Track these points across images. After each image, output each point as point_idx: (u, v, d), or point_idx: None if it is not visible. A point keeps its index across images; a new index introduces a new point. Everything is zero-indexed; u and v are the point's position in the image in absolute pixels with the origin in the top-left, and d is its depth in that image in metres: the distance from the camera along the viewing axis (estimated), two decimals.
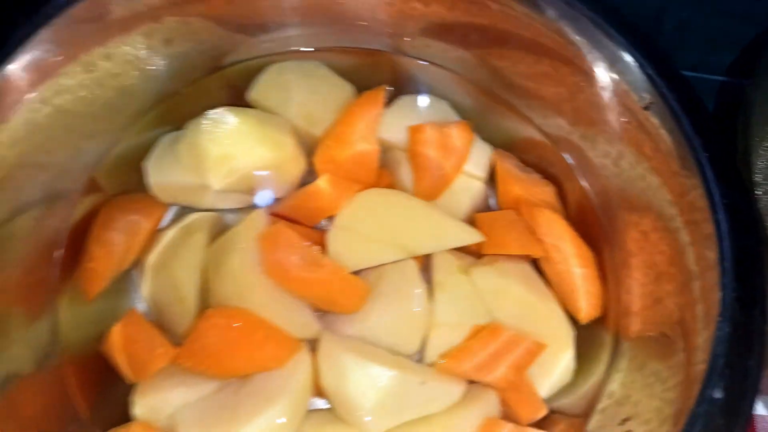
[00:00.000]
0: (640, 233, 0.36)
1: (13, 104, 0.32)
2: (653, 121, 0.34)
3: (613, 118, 0.37)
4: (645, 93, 0.34)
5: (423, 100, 0.45)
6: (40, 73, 0.33)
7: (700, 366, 0.26)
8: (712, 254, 0.29)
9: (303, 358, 0.36)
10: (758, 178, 0.36)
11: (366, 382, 0.34)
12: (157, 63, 0.40)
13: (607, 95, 0.37)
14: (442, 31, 0.43)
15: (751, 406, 0.25)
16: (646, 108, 0.34)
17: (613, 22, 0.35)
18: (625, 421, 0.31)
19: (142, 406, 0.35)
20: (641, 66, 0.34)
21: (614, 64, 0.35)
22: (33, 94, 0.33)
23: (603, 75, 0.36)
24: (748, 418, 0.25)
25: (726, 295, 0.27)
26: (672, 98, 0.33)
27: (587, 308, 0.38)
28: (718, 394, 0.25)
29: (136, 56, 0.38)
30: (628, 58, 0.34)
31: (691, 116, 0.32)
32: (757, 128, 0.38)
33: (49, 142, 0.35)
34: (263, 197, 0.42)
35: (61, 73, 0.34)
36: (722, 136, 0.32)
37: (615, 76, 0.36)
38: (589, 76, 0.37)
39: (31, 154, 0.34)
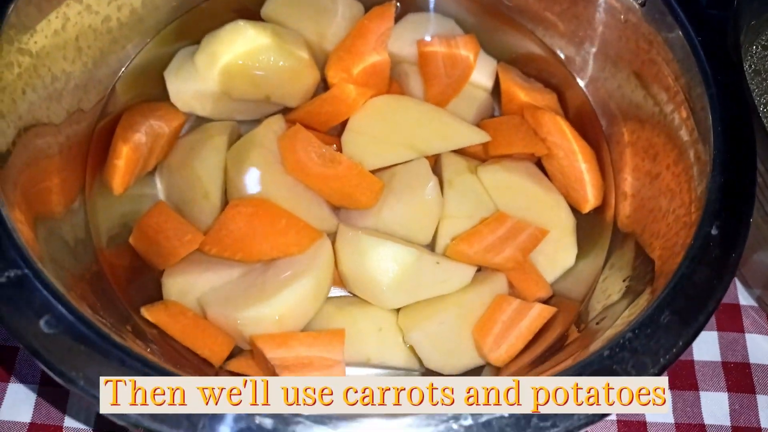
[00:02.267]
0: (637, 123, 0.38)
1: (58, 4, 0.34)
2: (648, 16, 0.37)
3: (610, 22, 0.40)
4: None
5: (430, 17, 0.47)
6: None
7: (697, 213, 0.29)
8: (705, 124, 0.32)
9: (324, 243, 0.38)
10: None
11: (385, 259, 0.36)
12: None
13: (603, 1, 0.39)
14: None
15: (743, 243, 0.28)
16: (642, 5, 0.37)
17: None
18: (626, 278, 0.33)
19: (171, 287, 0.37)
20: None
21: None
22: None
23: None
24: (741, 253, 0.27)
25: (718, 153, 0.30)
26: None
27: (591, 198, 0.40)
28: (714, 231, 0.28)
29: None
30: None
31: (684, 8, 0.35)
32: (747, 27, 0.40)
33: (81, 41, 0.37)
34: (278, 107, 0.44)
35: None
36: (713, 23, 0.34)
37: None
38: None
39: (66, 49, 0.36)
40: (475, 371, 0.36)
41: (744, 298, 0.45)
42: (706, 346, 0.43)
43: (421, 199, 0.39)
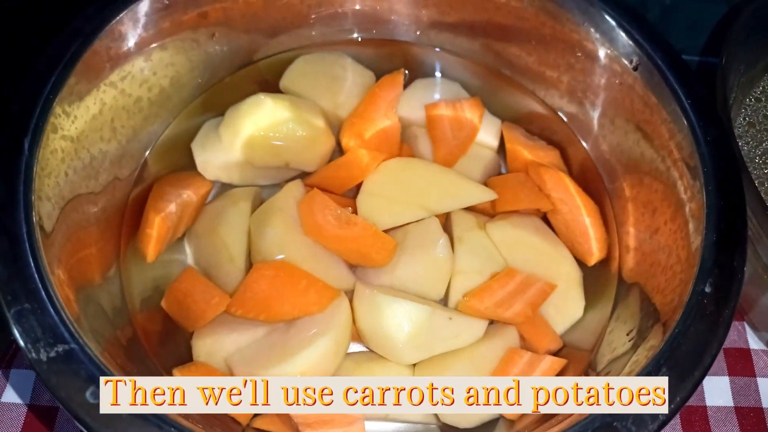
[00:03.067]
0: (637, 178, 0.40)
1: (91, 88, 0.38)
2: (642, 79, 0.39)
3: (606, 83, 0.42)
4: (633, 56, 0.39)
5: (436, 82, 0.50)
6: (112, 60, 0.38)
7: (693, 269, 0.31)
8: (698, 182, 0.34)
9: (342, 302, 0.40)
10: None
11: (400, 316, 0.38)
12: (202, 55, 0.45)
13: (600, 64, 0.42)
14: (450, 26, 0.49)
15: (737, 297, 0.29)
16: (635, 68, 0.39)
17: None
18: (630, 332, 0.35)
19: (200, 349, 0.39)
20: (628, 33, 0.39)
21: (605, 34, 0.40)
22: (105, 78, 0.38)
23: (595, 45, 0.41)
24: (734, 307, 0.29)
25: (711, 210, 0.32)
26: (657, 57, 0.38)
27: (596, 251, 0.42)
28: (708, 288, 0.29)
29: (185, 47, 0.44)
30: (617, 28, 0.40)
31: (675, 71, 0.37)
32: (739, 80, 0.42)
33: (116, 121, 0.41)
34: (297, 172, 0.47)
35: (126, 60, 0.40)
36: (702, 86, 0.37)
37: (606, 45, 0.41)
38: (583, 49, 0.42)
39: (102, 130, 0.40)
40: (490, 424, 0.38)
41: (754, 342, 0.45)
42: (719, 392, 0.44)
43: (432, 256, 0.42)
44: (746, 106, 0.47)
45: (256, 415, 0.38)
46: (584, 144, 0.46)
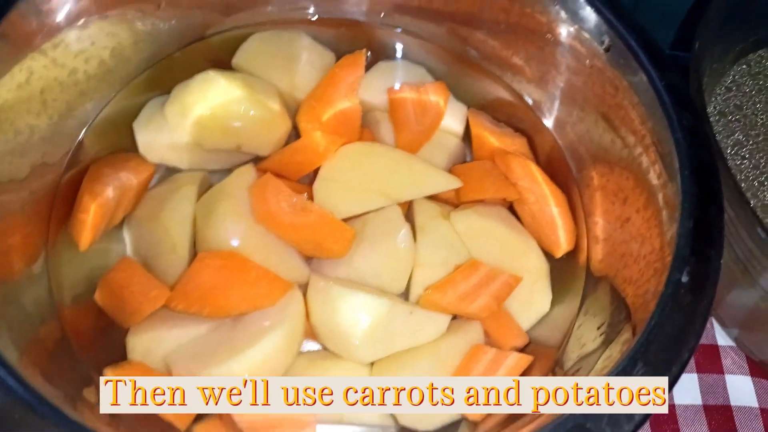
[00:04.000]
0: (606, 166, 0.38)
1: (17, 53, 0.34)
2: (613, 62, 0.37)
3: (575, 67, 0.40)
4: (605, 37, 0.38)
5: (399, 65, 0.47)
6: (43, 26, 0.34)
7: (668, 258, 0.29)
8: (672, 168, 0.32)
9: (295, 294, 0.37)
10: None
11: (357, 310, 0.35)
12: (148, 26, 0.42)
13: (569, 46, 0.40)
14: (414, 9, 0.46)
15: (714, 287, 0.27)
16: (606, 50, 0.38)
17: None
18: (600, 326, 0.33)
19: (136, 347, 0.36)
20: (600, 13, 0.37)
21: (575, 15, 0.39)
22: (34, 44, 0.34)
23: (565, 27, 0.40)
24: (712, 298, 0.27)
25: (686, 197, 0.30)
26: (630, 39, 0.36)
27: (564, 242, 0.40)
28: (684, 278, 0.27)
29: (127, 17, 0.40)
30: (587, 8, 0.38)
31: (648, 53, 0.36)
32: (710, 69, 0.41)
33: (46, 94, 0.37)
34: (249, 156, 0.44)
35: (60, 27, 0.36)
36: (676, 67, 0.35)
37: (575, 26, 0.39)
38: (552, 31, 0.40)
39: (30, 102, 0.36)
40: (452, 426, 0.35)
41: (722, 338, 0.44)
42: (687, 389, 0.42)
43: (393, 247, 0.39)
44: (716, 95, 0.46)
45: (196, 420, 0.34)
46: (552, 131, 0.44)
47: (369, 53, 0.47)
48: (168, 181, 0.42)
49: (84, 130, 0.41)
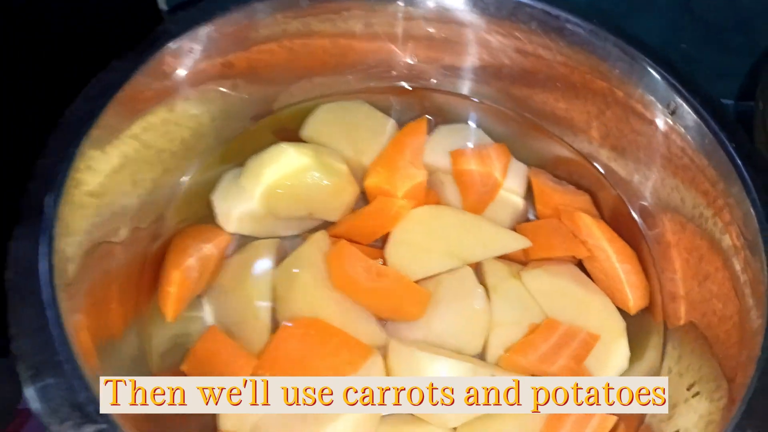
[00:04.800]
0: (678, 225, 0.39)
1: (111, 137, 0.36)
2: (680, 123, 0.38)
3: (640, 128, 0.42)
4: (670, 100, 0.39)
5: (460, 128, 0.49)
6: (136, 112, 0.37)
7: (757, 321, 0.29)
8: (751, 228, 0.33)
9: (376, 360, 0.38)
10: None
11: (441, 375, 0.36)
12: (223, 105, 0.44)
13: (632, 108, 0.41)
14: (472, 71, 0.48)
15: None
16: (672, 113, 0.39)
17: (636, 45, 0.39)
18: (691, 386, 0.33)
19: (229, 417, 0.37)
20: (664, 78, 0.39)
21: (638, 79, 0.40)
22: (127, 130, 0.37)
23: (629, 92, 0.41)
24: None
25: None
26: (695, 101, 0.37)
27: (634, 299, 0.40)
28: None
29: (207, 98, 0.43)
30: (651, 71, 0.39)
31: (714, 114, 0.37)
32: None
33: (136, 174, 0.39)
34: (319, 222, 0.45)
35: (149, 111, 0.38)
36: (742, 128, 0.36)
37: (639, 89, 0.40)
38: (615, 94, 0.42)
39: (122, 183, 0.38)
40: None
41: None
42: None
43: (469, 308, 0.40)
44: None
45: None
46: (616, 189, 0.44)
47: (430, 118, 0.49)
48: (245, 250, 0.44)
49: (167, 204, 0.43)
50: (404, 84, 0.50)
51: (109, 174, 0.37)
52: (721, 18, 0.50)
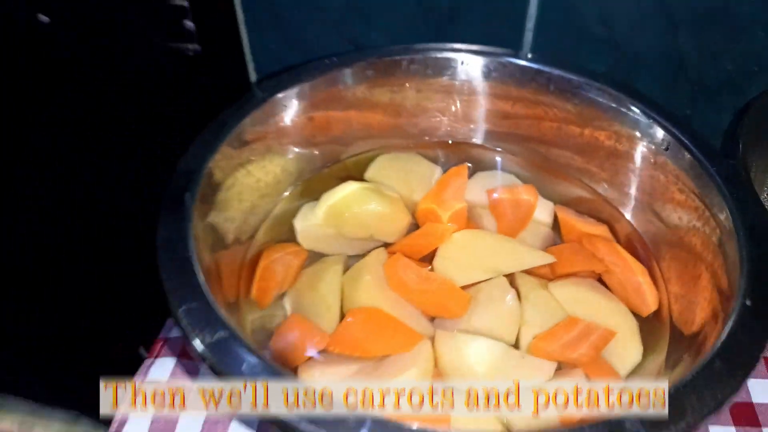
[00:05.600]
0: (677, 237, 0.47)
1: (232, 169, 0.48)
2: (672, 158, 0.48)
3: (642, 166, 0.51)
4: (664, 141, 0.48)
5: (495, 174, 0.59)
6: (243, 144, 0.49)
7: (731, 292, 0.36)
8: (730, 228, 0.41)
9: (426, 343, 0.46)
10: None
11: (480, 351, 0.44)
12: (305, 154, 0.57)
13: (634, 152, 0.51)
14: (503, 135, 0.60)
15: None
16: (666, 149, 0.48)
17: (631, 94, 0.50)
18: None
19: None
20: (659, 123, 0.49)
21: (638, 129, 0.50)
22: (238, 159, 0.49)
23: (630, 136, 0.51)
24: None
25: (743, 248, 0.38)
26: (684, 138, 0.47)
27: (646, 304, 0.47)
28: (748, 302, 0.35)
29: (294, 150, 0.55)
30: (648, 121, 0.49)
31: (699, 148, 0.46)
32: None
33: (242, 195, 0.51)
34: (379, 243, 0.55)
35: (255, 150, 0.51)
36: (726, 161, 0.45)
37: (638, 135, 0.50)
38: (620, 143, 0.52)
39: (231, 199, 0.49)
40: None
41: None
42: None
43: (503, 306, 0.48)
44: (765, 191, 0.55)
45: None
46: (629, 219, 0.53)
47: (470, 165, 0.60)
48: (318, 263, 0.53)
49: (260, 224, 0.54)
50: (448, 140, 0.62)
51: (224, 189, 0.48)
52: (711, 79, 0.61)
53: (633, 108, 0.50)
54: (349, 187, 0.56)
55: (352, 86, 0.57)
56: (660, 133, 0.49)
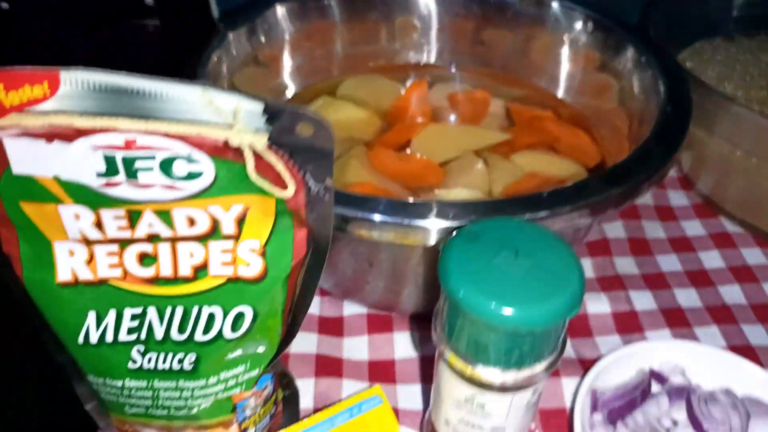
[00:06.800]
0: (610, 113, 0.57)
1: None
2: (598, 37, 0.57)
3: (571, 55, 0.61)
4: (588, 21, 0.58)
5: (452, 84, 0.68)
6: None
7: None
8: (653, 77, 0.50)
9: None
10: None
11: (459, 198, 0.51)
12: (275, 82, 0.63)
13: (563, 43, 0.61)
14: (461, 52, 0.68)
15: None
16: (586, 34, 0.58)
17: None
18: None
19: None
20: (578, 12, 0.58)
21: (559, 21, 0.60)
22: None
23: (555, 31, 0.60)
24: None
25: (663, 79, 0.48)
26: (607, 19, 0.57)
27: (594, 157, 0.56)
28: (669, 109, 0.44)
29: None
30: (569, 12, 0.59)
31: (620, 25, 0.56)
32: None
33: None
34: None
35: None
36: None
37: (562, 27, 0.60)
38: (549, 38, 0.61)
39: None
40: None
41: None
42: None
43: (474, 171, 0.55)
44: None
45: None
46: (569, 102, 0.62)
47: (429, 79, 0.68)
48: None
49: None
50: (406, 63, 0.70)
51: None
52: None
53: (553, 4, 0.59)
54: (325, 99, 0.62)
55: (315, 17, 0.64)
56: (579, 23, 0.58)
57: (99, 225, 0.31)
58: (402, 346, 0.51)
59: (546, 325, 0.31)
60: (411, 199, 0.50)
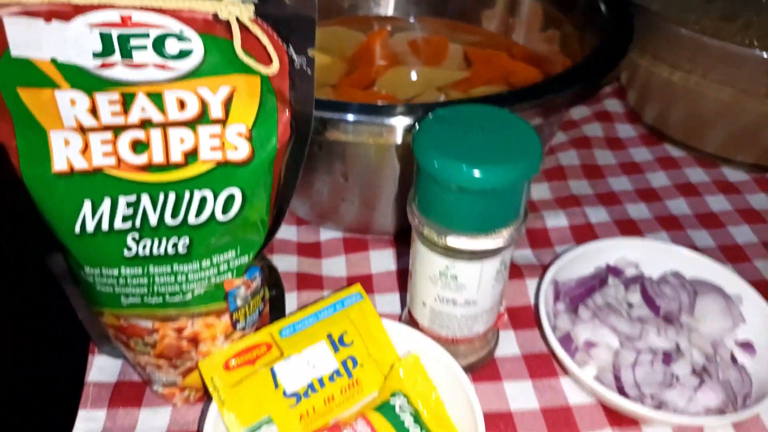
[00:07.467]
0: (561, 33, 0.61)
1: None
2: None
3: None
4: None
5: (411, 33, 0.71)
6: None
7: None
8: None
9: None
10: None
11: None
12: None
13: None
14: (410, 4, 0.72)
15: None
16: None
17: None
18: None
19: None
20: None
21: None
22: None
23: None
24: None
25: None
26: None
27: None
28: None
29: None
30: None
31: None
32: None
33: None
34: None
35: None
36: None
37: None
38: None
39: None
40: None
41: None
42: None
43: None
44: None
45: None
46: (522, 43, 0.67)
47: (389, 28, 0.71)
48: None
49: None
50: (365, 14, 0.73)
51: None
52: None
53: None
54: None
55: None
56: None
57: (94, 111, 0.33)
58: (378, 262, 0.54)
59: (511, 182, 0.35)
60: (380, 102, 0.53)
